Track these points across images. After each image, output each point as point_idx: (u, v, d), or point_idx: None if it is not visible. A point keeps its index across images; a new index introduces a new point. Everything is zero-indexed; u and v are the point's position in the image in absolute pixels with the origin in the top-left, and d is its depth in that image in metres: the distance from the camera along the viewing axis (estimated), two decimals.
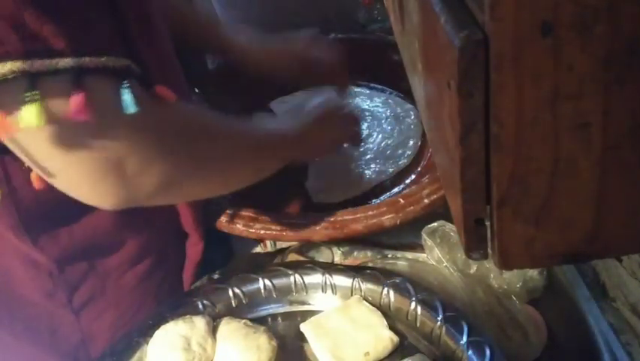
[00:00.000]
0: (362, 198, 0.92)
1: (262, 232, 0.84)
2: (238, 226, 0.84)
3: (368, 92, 1.13)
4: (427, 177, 0.88)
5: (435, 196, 0.83)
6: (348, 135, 0.94)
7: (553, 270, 0.84)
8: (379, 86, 1.13)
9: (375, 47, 1.16)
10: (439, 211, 0.83)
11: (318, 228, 0.82)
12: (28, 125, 0.50)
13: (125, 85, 0.54)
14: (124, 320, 0.83)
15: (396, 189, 0.92)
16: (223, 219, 0.85)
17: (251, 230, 0.84)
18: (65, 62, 0.51)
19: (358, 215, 0.82)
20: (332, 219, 0.82)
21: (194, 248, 0.89)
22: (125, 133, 0.57)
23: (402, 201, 0.83)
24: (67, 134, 0.54)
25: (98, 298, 0.82)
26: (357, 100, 1.11)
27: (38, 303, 0.79)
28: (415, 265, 0.83)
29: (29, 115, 0.50)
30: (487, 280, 0.79)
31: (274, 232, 0.84)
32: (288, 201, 0.94)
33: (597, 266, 0.81)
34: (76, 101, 0.51)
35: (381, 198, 0.90)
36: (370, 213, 0.82)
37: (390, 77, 1.10)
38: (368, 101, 1.11)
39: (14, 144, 0.55)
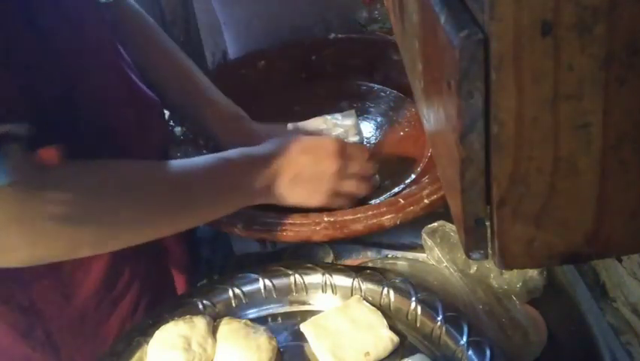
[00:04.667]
0: (362, 198, 0.92)
1: (262, 232, 0.84)
2: (238, 226, 0.84)
3: (368, 92, 1.13)
4: (427, 177, 0.88)
5: (435, 196, 0.83)
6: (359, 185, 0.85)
7: (553, 270, 0.84)
8: (379, 86, 1.13)
9: (375, 47, 1.16)
10: (439, 211, 0.83)
11: (318, 228, 0.82)
12: None
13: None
14: (105, 346, 0.81)
15: (396, 189, 0.92)
16: (223, 219, 0.85)
17: (251, 230, 0.84)
18: None
19: (358, 215, 0.82)
20: (332, 219, 0.82)
21: (175, 248, 0.88)
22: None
23: (402, 201, 0.83)
24: None
25: (77, 331, 0.81)
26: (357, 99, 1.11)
27: (13, 344, 0.78)
28: (415, 265, 0.83)
29: None
30: (487, 280, 0.79)
31: (274, 232, 0.83)
32: None
33: (597, 266, 0.81)
34: None
35: (382, 198, 0.90)
36: (370, 213, 0.82)
37: (390, 77, 1.11)
38: (368, 102, 1.11)
39: None
